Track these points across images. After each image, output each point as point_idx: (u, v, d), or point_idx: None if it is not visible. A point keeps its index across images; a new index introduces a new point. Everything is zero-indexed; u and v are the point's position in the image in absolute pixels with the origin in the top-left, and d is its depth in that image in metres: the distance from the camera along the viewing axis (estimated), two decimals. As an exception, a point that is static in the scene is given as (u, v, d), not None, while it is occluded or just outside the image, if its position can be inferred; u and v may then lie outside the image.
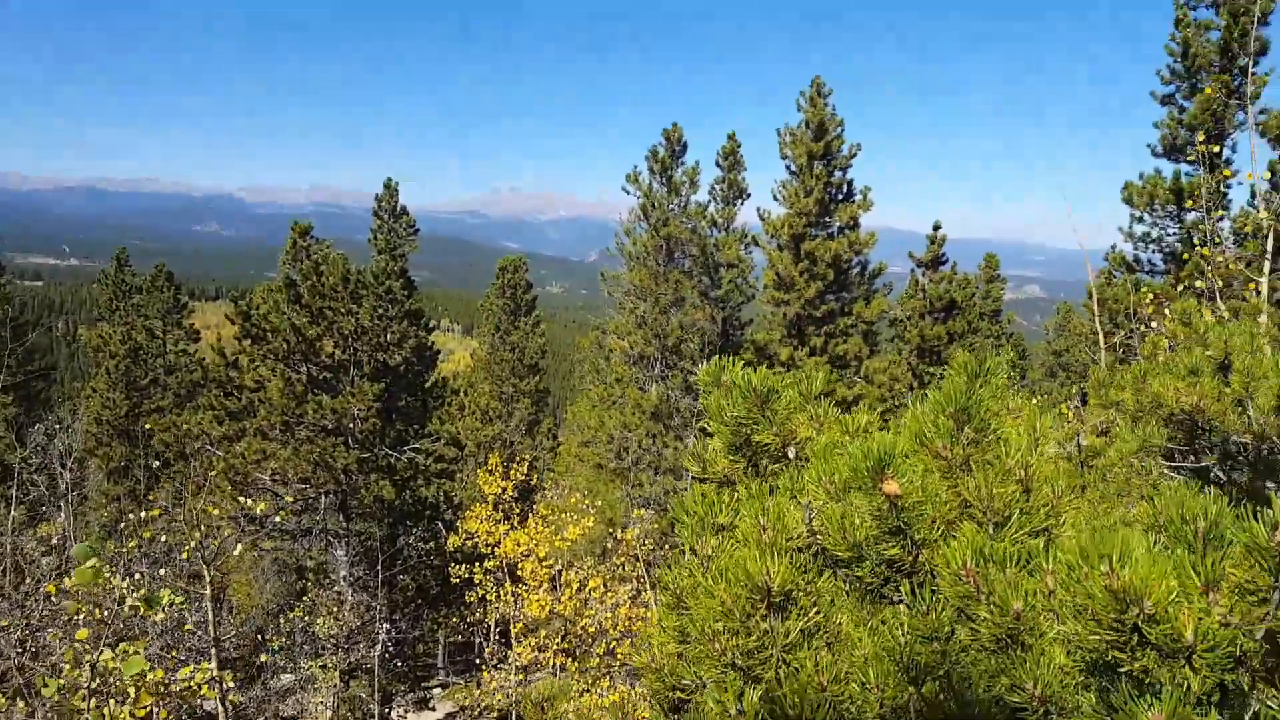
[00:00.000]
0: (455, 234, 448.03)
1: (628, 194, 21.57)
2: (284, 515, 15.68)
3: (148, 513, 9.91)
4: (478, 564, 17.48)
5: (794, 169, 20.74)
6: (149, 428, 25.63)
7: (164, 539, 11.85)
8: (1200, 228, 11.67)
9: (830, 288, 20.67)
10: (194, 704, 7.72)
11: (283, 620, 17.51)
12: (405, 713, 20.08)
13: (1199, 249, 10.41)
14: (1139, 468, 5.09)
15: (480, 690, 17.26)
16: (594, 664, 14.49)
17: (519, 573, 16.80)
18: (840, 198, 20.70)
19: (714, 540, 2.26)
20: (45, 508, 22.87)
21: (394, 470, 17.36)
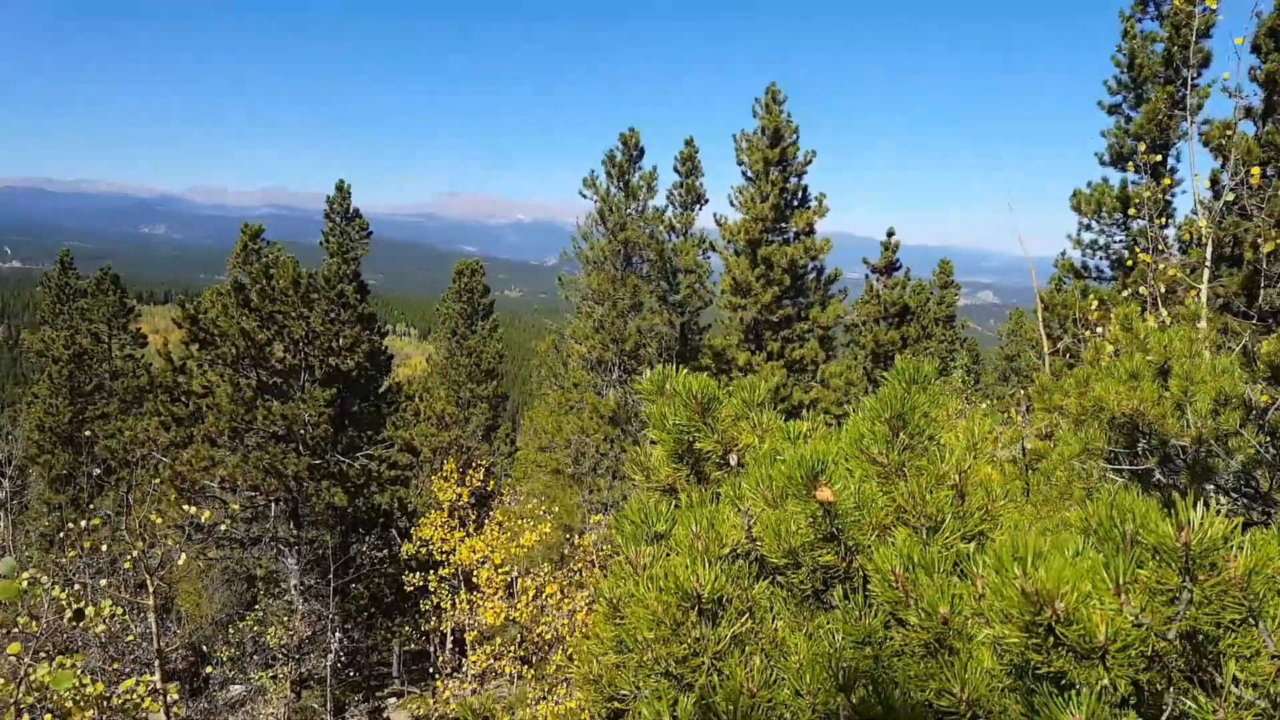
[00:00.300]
0: (411, 237, 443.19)
1: (585, 198, 21.51)
2: (230, 524, 15.37)
3: (90, 521, 9.66)
4: (433, 571, 17.31)
5: (750, 175, 20.88)
6: (92, 434, 24.94)
7: (106, 549, 11.55)
8: (1146, 235, 12.00)
9: (787, 293, 20.84)
10: (138, 717, 7.53)
11: (232, 630, 17.17)
12: (359, 723, 19.78)
13: (1142, 256, 10.67)
14: (1081, 471, 5.19)
15: (435, 699, 17.06)
16: (551, 670, 14.39)
17: (475, 580, 16.65)
18: (796, 203, 20.89)
19: (649, 549, 2.25)
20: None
21: (346, 477, 17.13)
